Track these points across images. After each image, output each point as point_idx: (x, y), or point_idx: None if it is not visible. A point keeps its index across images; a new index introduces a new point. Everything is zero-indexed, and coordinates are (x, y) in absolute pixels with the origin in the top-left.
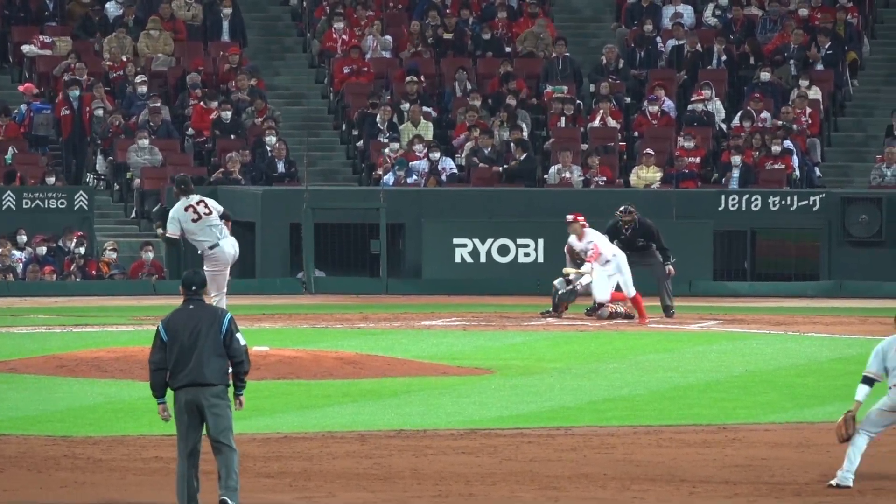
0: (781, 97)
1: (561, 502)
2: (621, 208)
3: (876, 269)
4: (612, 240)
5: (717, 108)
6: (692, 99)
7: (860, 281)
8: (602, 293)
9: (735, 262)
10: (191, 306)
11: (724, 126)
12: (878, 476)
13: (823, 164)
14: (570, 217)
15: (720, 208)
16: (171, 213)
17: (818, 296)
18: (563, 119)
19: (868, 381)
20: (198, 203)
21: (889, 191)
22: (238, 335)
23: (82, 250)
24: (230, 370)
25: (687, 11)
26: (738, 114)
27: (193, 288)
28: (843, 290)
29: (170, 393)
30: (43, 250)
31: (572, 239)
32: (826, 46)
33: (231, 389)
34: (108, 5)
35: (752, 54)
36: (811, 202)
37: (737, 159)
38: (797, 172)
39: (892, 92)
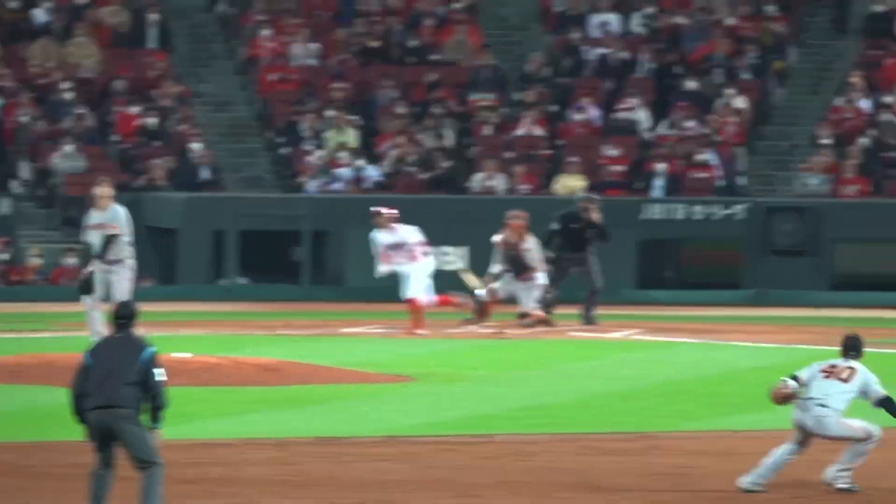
0: (707, 106)
1: None
2: (584, 196)
3: (798, 278)
4: (560, 230)
5: (643, 116)
6: (617, 107)
7: (783, 290)
8: (414, 289)
9: (658, 271)
10: (118, 335)
11: (648, 135)
12: (796, 484)
13: (748, 172)
14: (378, 209)
15: (644, 217)
16: (122, 212)
17: (741, 304)
18: (488, 127)
19: (794, 378)
20: None
21: (813, 200)
22: (157, 371)
23: (6, 256)
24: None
25: (614, 20)
26: (664, 122)
27: (122, 320)
28: (765, 299)
29: None
30: None
31: (382, 234)
32: (753, 55)
33: (146, 418)
34: (35, 12)
35: (679, 63)
36: (735, 211)
37: (661, 168)
38: (721, 181)
39: (818, 101)
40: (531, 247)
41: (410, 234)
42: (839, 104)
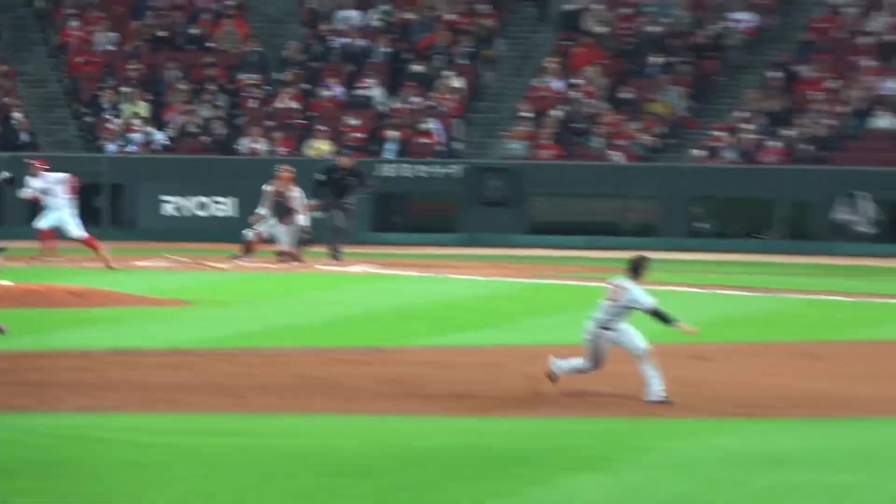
0: (430, 85)
1: (245, 408)
2: (340, 152)
3: (502, 224)
4: (325, 180)
5: (378, 93)
6: (358, 86)
7: (490, 234)
8: (78, 230)
9: (390, 218)
10: None
11: (383, 108)
12: (505, 396)
13: (463, 139)
14: (31, 161)
15: (378, 174)
16: None
17: (456, 245)
18: (253, 101)
19: None
20: None
21: (515, 162)
22: None
23: None
24: None
25: (355, 15)
26: (395, 98)
27: None
28: (476, 242)
29: None
30: None
31: (34, 181)
32: (467, 44)
33: None
34: None
35: (408, 50)
36: (452, 170)
37: (393, 135)
38: (442, 146)
39: (520, 82)
40: (297, 195)
41: (57, 179)
42: (537, 84)
